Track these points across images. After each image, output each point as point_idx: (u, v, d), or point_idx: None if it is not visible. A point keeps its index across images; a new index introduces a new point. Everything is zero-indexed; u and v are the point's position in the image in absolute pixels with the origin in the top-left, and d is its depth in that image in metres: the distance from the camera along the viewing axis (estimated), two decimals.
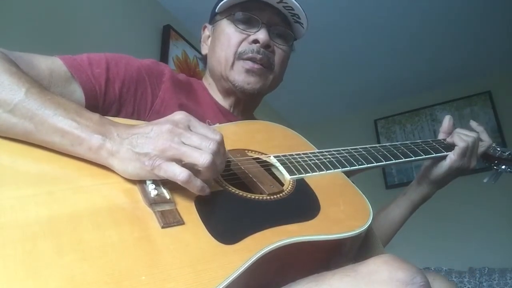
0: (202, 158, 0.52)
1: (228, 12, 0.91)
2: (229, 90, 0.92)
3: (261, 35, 0.87)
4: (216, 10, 0.93)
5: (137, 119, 0.75)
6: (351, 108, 3.43)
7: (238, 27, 0.89)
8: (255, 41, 0.87)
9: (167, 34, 2.24)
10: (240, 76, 0.88)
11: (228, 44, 0.89)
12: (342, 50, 2.75)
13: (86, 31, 1.78)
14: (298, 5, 0.87)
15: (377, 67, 2.93)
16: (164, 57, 2.18)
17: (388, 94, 3.24)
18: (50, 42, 1.59)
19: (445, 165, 0.95)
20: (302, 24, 0.92)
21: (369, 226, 0.62)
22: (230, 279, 0.45)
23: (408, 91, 3.20)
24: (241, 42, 0.88)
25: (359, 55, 2.80)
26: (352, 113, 3.46)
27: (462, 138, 0.95)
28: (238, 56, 0.88)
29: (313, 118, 3.51)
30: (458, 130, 0.99)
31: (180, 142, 0.53)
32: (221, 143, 0.57)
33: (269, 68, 0.90)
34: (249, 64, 0.87)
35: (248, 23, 0.89)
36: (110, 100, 0.73)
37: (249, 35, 0.88)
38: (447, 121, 1.03)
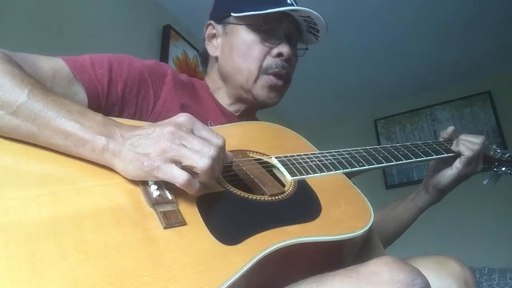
0: (201, 162, 0.52)
1: (248, 20, 0.87)
2: (247, 100, 0.92)
3: (285, 48, 0.87)
4: (232, 13, 0.88)
5: (139, 119, 0.75)
6: (351, 108, 3.43)
7: (260, 37, 0.87)
8: (280, 55, 0.87)
9: (167, 34, 2.24)
10: (263, 91, 0.88)
11: (252, 56, 0.87)
12: (342, 50, 2.75)
13: (86, 31, 1.78)
14: (320, 17, 0.87)
15: (377, 67, 2.93)
16: (164, 57, 2.18)
17: (388, 94, 3.24)
18: (50, 42, 1.59)
19: (451, 174, 0.96)
20: (316, 35, 0.92)
21: (370, 228, 0.63)
22: (232, 280, 0.45)
23: (408, 91, 3.20)
24: (265, 55, 0.87)
25: (359, 55, 2.80)
26: (352, 113, 3.46)
27: (468, 147, 0.94)
28: (264, 71, 0.87)
29: (313, 118, 3.51)
30: (463, 137, 0.98)
31: (181, 144, 0.53)
32: (222, 148, 0.57)
33: (288, 82, 0.92)
34: (273, 81, 0.87)
35: (270, 34, 0.88)
36: (113, 101, 0.73)
37: (271, 48, 0.88)
38: (450, 131, 1.03)
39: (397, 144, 0.92)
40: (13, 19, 1.49)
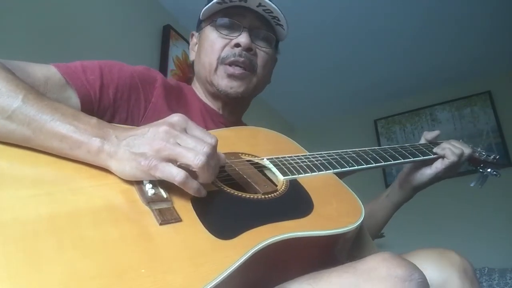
0: (196, 159, 0.53)
1: (211, 19, 0.93)
2: (215, 94, 0.94)
3: (242, 38, 0.88)
4: (200, 17, 0.95)
5: (131, 124, 0.76)
6: (351, 108, 3.44)
7: (220, 33, 0.91)
8: (237, 45, 0.89)
9: (167, 34, 2.24)
10: (223, 81, 0.90)
11: (212, 50, 0.91)
12: (342, 50, 2.75)
13: (86, 32, 1.79)
14: (276, 8, 0.89)
15: (377, 67, 2.93)
16: (164, 57, 2.18)
17: (388, 94, 3.24)
18: (50, 42, 1.60)
19: (429, 173, 0.98)
20: (283, 26, 0.93)
21: (362, 223, 0.64)
22: (227, 273, 0.46)
23: (408, 91, 3.21)
24: (224, 47, 0.90)
25: (359, 55, 2.80)
26: (352, 113, 3.46)
27: (454, 152, 0.96)
28: (221, 61, 0.89)
29: (313, 118, 3.52)
30: (453, 142, 1.00)
31: (176, 143, 0.54)
32: (215, 147, 0.57)
33: (252, 71, 0.91)
34: (230, 70, 0.89)
35: (230, 28, 0.91)
36: (105, 105, 0.74)
37: (231, 40, 0.90)
38: (435, 134, 1.04)
39: (386, 147, 0.95)
40: (13, 19, 1.50)
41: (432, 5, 2.36)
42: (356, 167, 0.82)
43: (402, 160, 0.91)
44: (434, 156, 0.97)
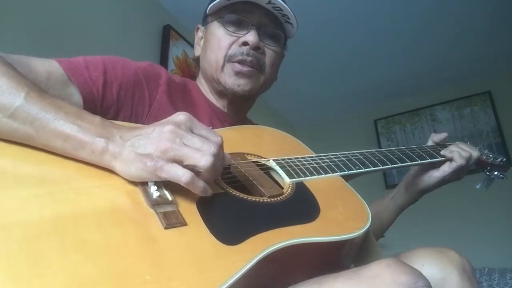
0: (203, 160, 0.52)
1: (218, 15, 0.90)
2: (221, 92, 0.92)
3: (250, 37, 0.86)
4: (207, 12, 0.93)
5: (135, 122, 0.75)
6: (351, 108, 3.43)
7: (227, 30, 0.88)
8: (245, 43, 0.87)
9: (167, 34, 2.24)
10: (230, 78, 0.88)
11: (218, 47, 0.88)
12: (342, 50, 2.75)
13: (86, 31, 1.78)
14: (285, 5, 0.87)
15: (377, 67, 2.93)
16: (164, 57, 2.18)
17: (388, 94, 3.24)
18: (50, 42, 1.59)
19: (436, 176, 0.97)
20: (292, 24, 0.91)
21: (368, 228, 0.63)
22: (233, 279, 0.45)
23: (408, 91, 3.21)
24: (231, 44, 0.88)
25: (359, 55, 2.80)
26: (352, 113, 3.46)
27: (462, 155, 0.95)
28: (228, 59, 0.87)
29: (313, 118, 3.51)
30: (461, 145, 1.00)
31: (182, 143, 0.53)
32: (221, 146, 0.57)
33: (260, 70, 0.89)
34: (238, 67, 0.86)
35: (238, 25, 0.88)
36: (108, 103, 0.73)
37: (239, 37, 0.87)
38: (443, 137, 1.04)
39: (392, 148, 0.93)
40: (13, 19, 1.49)
41: (432, 5, 2.36)
42: (363, 170, 0.80)
43: (410, 163, 0.89)
44: (442, 158, 0.96)
